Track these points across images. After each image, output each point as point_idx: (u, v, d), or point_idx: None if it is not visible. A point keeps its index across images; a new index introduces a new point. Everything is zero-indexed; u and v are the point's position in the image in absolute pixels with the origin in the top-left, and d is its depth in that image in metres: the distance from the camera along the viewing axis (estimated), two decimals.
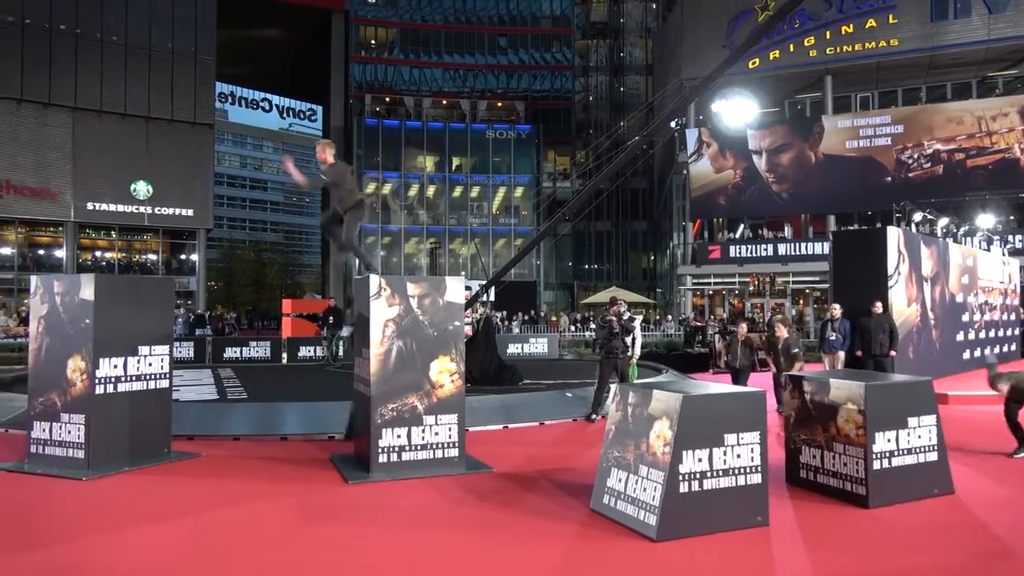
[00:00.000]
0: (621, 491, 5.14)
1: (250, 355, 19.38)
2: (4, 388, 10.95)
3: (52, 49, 33.71)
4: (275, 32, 50.46)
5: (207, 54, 37.84)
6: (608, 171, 13.83)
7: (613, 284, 42.01)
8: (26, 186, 33.25)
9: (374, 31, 49.15)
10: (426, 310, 6.88)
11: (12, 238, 34.82)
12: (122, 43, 35.42)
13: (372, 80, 48.26)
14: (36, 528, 5.20)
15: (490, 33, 49.86)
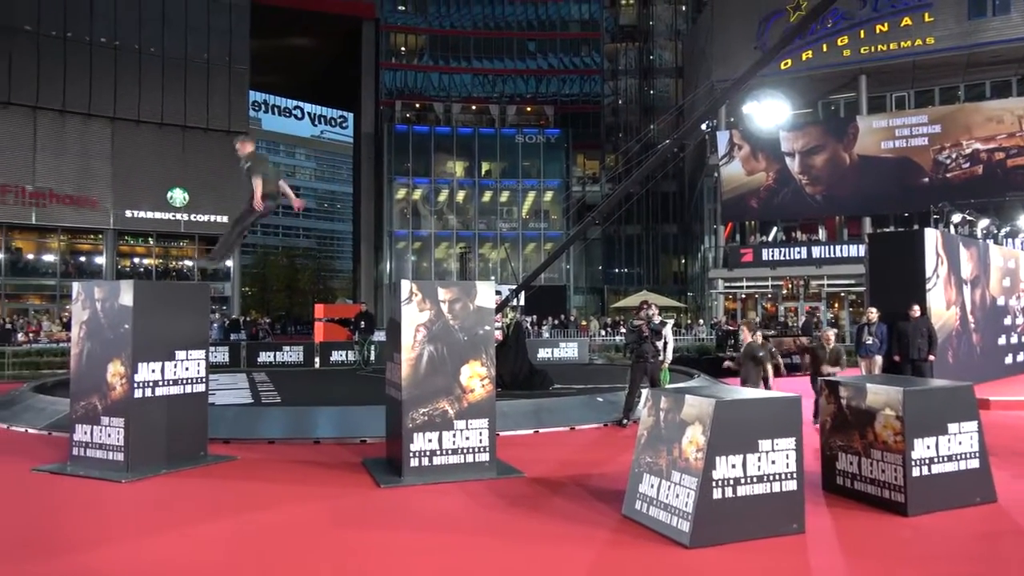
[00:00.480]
0: (653, 497, 5.10)
1: (283, 360, 19.62)
2: (47, 392, 11.22)
3: (92, 61, 34.58)
4: (307, 41, 51.13)
5: (241, 64, 38.50)
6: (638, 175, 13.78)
7: (643, 288, 41.75)
8: (68, 195, 34.12)
9: (404, 38, 49.57)
10: (457, 315, 6.91)
11: (55, 245, 35.75)
12: (159, 54, 36.22)
13: (402, 86, 48.66)
14: (76, 530, 5.32)
15: (519, 38, 49.99)
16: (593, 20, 50.56)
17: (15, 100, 32.96)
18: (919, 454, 5.46)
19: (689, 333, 29.52)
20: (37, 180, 33.52)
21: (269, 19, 41.86)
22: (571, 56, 50.47)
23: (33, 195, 33.53)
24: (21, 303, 35.13)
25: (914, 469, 5.41)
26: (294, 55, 52.77)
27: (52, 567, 4.49)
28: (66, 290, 32.40)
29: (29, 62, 33.08)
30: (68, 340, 19.34)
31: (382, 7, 47.95)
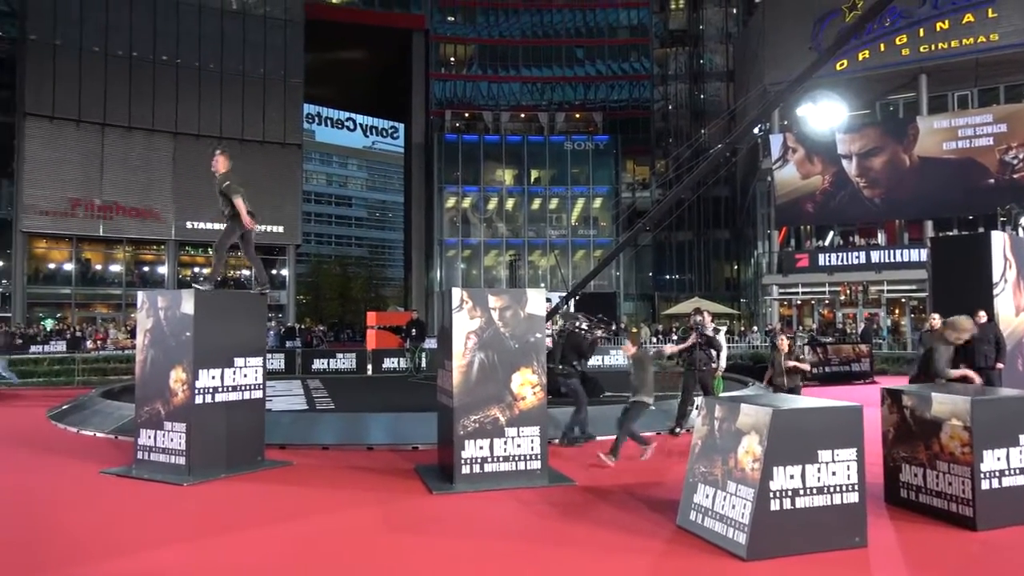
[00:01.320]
0: (708, 507, 5.01)
1: (337, 367, 19.96)
2: (114, 397, 11.64)
3: (156, 79, 35.90)
4: (358, 54, 52.12)
5: (295, 78, 39.46)
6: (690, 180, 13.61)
7: (695, 295, 41.16)
8: (133, 207, 35.43)
9: (453, 48, 50.09)
10: (507, 322, 6.93)
11: (120, 256, 37.15)
12: (218, 71, 37.38)
13: (451, 96, 49.15)
14: (142, 531, 5.50)
15: (567, 45, 50.01)
16: (642, 25, 50.26)
17: (85, 118, 34.43)
18: (988, 466, 5.24)
19: (743, 340, 28.98)
20: (104, 194, 34.91)
21: (322, 34, 42.84)
22: (620, 62, 50.24)
23: (101, 208, 34.92)
24: (90, 312, 36.58)
25: (983, 482, 5.20)
26: (346, 68, 53.84)
27: (120, 566, 4.65)
28: (131, 299, 33.63)
29: (97, 82, 34.53)
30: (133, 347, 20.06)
31: (432, 18, 48.58)
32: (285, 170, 38.61)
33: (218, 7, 37.85)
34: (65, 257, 36.24)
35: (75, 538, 5.27)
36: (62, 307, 35.53)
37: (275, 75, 38.71)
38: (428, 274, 47.71)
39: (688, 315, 10.46)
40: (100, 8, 34.82)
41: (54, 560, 4.77)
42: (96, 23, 34.68)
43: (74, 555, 4.87)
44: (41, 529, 5.53)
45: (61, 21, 33.98)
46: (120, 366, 19.62)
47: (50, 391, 16.05)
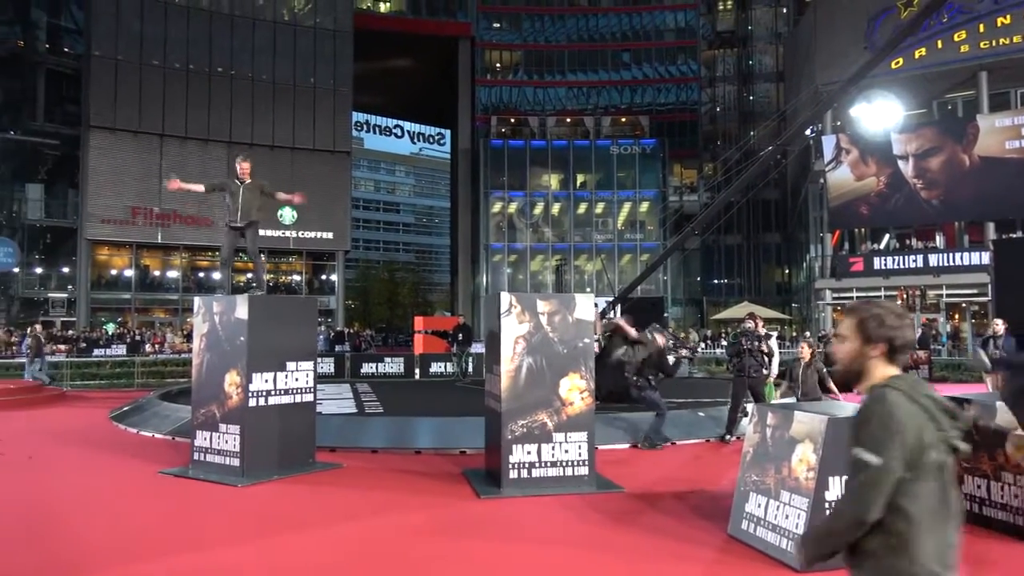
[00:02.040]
0: (761, 517, 4.91)
1: (385, 371, 20.20)
2: (172, 399, 11.99)
3: (211, 91, 36.95)
4: (405, 62, 52.76)
5: (345, 87, 40.14)
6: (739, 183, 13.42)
7: (744, 299, 40.45)
8: (190, 215, 36.48)
9: (499, 54, 50.33)
10: (556, 327, 6.91)
11: (177, 262, 38.28)
12: (270, 81, 38.27)
13: (497, 102, 49.37)
14: (200, 530, 5.65)
15: (613, 49, 49.79)
16: (689, 27, 49.72)
17: (144, 129, 35.60)
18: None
19: (795, 346, 28.35)
20: (163, 202, 36.02)
21: (370, 43, 43.50)
22: (667, 65, 49.78)
23: (159, 216, 36.05)
24: (148, 316, 37.77)
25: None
26: (394, 76, 54.55)
27: (179, 564, 4.78)
28: (187, 304, 34.60)
29: (156, 94, 35.69)
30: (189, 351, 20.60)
31: (477, 25, 48.92)
32: (334, 177, 39.29)
33: (270, 19, 38.78)
34: (126, 263, 37.49)
35: (137, 536, 5.44)
36: (122, 312, 36.73)
37: (325, 84, 39.45)
38: (474, 279, 47.96)
39: (738, 320, 10.30)
40: (159, 23, 36.01)
41: (119, 556, 4.93)
42: (155, 38, 35.87)
43: (136, 552, 5.02)
44: (106, 527, 5.72)
45: (123, 37, 35.24)
46: (177, 369, 20.19)
47: (112, 393, 16.62)
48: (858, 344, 2.05)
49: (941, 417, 1.90)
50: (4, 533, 5.48)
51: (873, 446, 1.82)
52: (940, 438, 1.87)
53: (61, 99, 37.99)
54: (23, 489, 7.00)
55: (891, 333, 2.03)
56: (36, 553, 5.00)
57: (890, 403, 1.86)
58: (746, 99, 49.42)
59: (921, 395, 1.91)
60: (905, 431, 1.83)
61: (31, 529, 5.61)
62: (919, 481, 1.83)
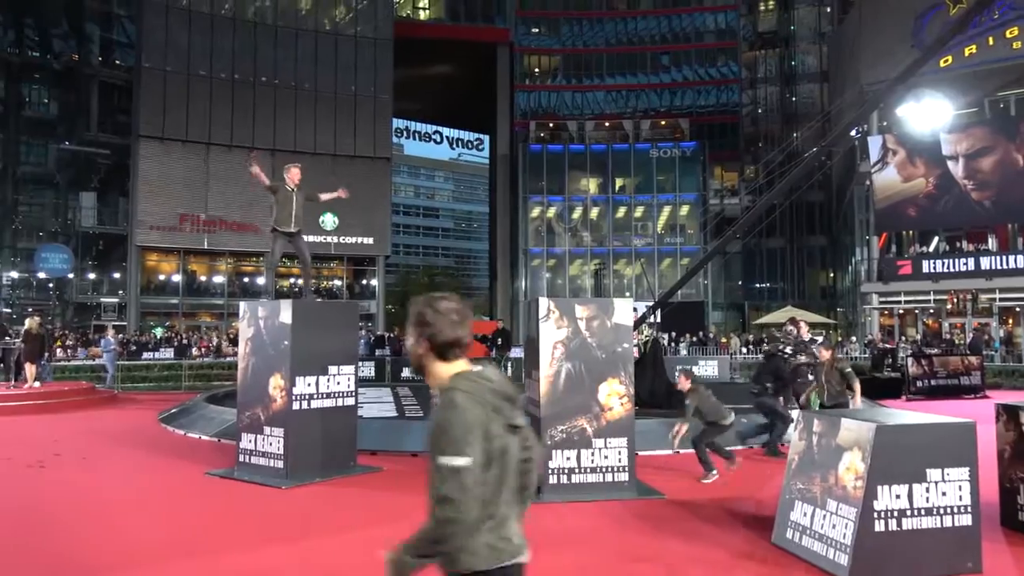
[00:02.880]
0: (807, 526, 4.82)
1: None
2: (218, 402, 12.25)
3: (255, 100, 37.74)
4: (445, 68, 53.14)
5: (385, 94, 40.63)
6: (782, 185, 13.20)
7: (788, 304, 39.70)
8: (235, 221, 37.28)
9: (537, 59, 50.37)
10: (594, 332, 6.88)
11: (223, 268, 39.13)
12: (312, 89, 38.93)
13: (536, 107, 49.41)
14: (246, 531, 5.75)
15: (652, 52, 49.44)
16: (730, 29, 49.12)
17: (191, 138, 36.51)
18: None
19: (840, 351, 27.75)
20: (209, 209, 36.88)
21: (410, 50, 43.94)
22: (707, 67, 49.23)
23: (206, 223, 36.91)
24: (195, 321, 38.66)
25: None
26: (433, 82, 54.99)
27: (228, 563, 4.88)
28: (233, 309, 35.34)
29: (202, 104, 36.59)
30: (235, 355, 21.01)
31: (516, 31, 49.04)
32: (375, 183, 39.74)
33: (312, 29, 39.47)
34: (173, 269, 38.46)
35: (184, 535, 5.57)
36: (170, 316, 37.68)
37: (365, 92, 39.97)
38: (513, 284, 48.01)
39: (780, 325, 10.13)
40: (206, 35, 36.93)
41: (165, 555, 5.05)
42: (202, 49, 36.79)
43: (182, 551, 5.14)
44: (154, 526, 5.87)
45: (171, 49, 36.22)
46: (223, 372, 20.62)
47: (160, 395, 17.05)
48: (412, 342, 2.12)
49: (503, 405, 2.03)
50: (58, 529, 5.66)
51: (456, 450, 1.89)
52: (502, 423, 2.01)
53: (113, 110, 39.19)
54: (77, 488, 7.22)
55: (430, 331, 2.08)
56: (88, 548, 5.15)
57: (460, 407, 1.94)
58: (789, 100, 48.60)
59: (485, 392, 2.01)
60: (479, 428, 1.93)
61: (83, 526, 5.78)
62: (489, 470, 1.96)
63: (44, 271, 36.65)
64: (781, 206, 29.33)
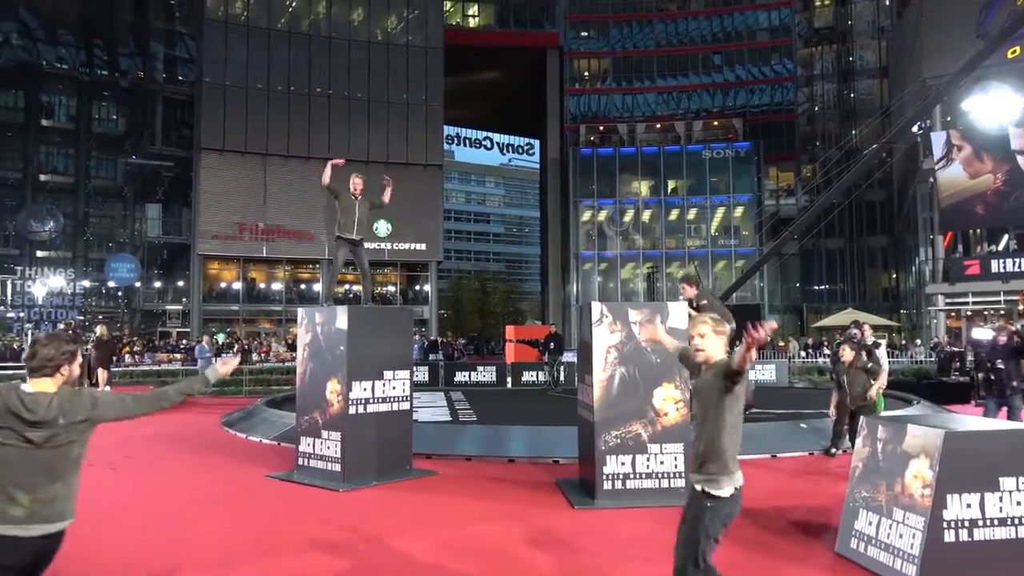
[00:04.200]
0: (872, 535, 4.67)
1: (477, 379, 20.45)
2: (277, 406, 12.54)
3: (311, 110, 38.64)
4: (494, 74, 53.46)
5: (436, 101, 41.11)
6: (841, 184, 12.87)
7: (848, 306, 38.60)
8: (292, 229, 38.20)
9: (587, 63, 50.25)
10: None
11: (280, 275, 40.12)
12: (365, 99, 39.66)
13: (586, 110, 49.29)
14: (305, 533, 5.87)
15: (704, 52, 48.79)
16: (784, 26, 48.12)
17: (250, 149, 37.59)
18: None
19: (904, 354, 26.84)
20: (267, 218, 37.89)
21: (460, 58, 44.36)
22: (760, 65, 48.33)
23: (264, 231, 37.92)
24: (255, 327, 39.71)
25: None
26: (483, 88, 55.39)
27: (288, 566, 4.99)
28: (290, 315, 36.18)
29: (260, 116, 37.65)
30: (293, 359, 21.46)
31: (565, 35, 49.02)
32: (427, 190, 40.22)
33: (365, 40, 40.21)
34: (233, 276, 39.60)
35: (244, 537, 5.72)
36: (231, 322, 38.78)
37: (417, 100, 40.51)
38: (565, 288, 47.90)
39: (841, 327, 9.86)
40: (263, 49, 38.00)
41: (227, 556, 5.19)
42: (259, 63, 37.86)
43: (243, 553, 5.28)
44: (217, 527, 6.04)
45: (231, 64, 37.39)
46: (281, 377, 21.08)
47: (222, 399, 17.53)
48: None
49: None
50: (129, 530, 5.88)
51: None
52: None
53: (176, 124, 40.64)
54: (146, 489, 7.49)
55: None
56: (156, 549, 5.34)
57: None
58: (847, 97, 47.33)
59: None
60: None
61: (153, 527, 5.99)
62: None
63: (113, 280, 38.22)
64: (840, 205, 28.51)
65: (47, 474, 2.89)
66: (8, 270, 38.20)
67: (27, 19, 39.25)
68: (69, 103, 41.38)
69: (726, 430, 3.31)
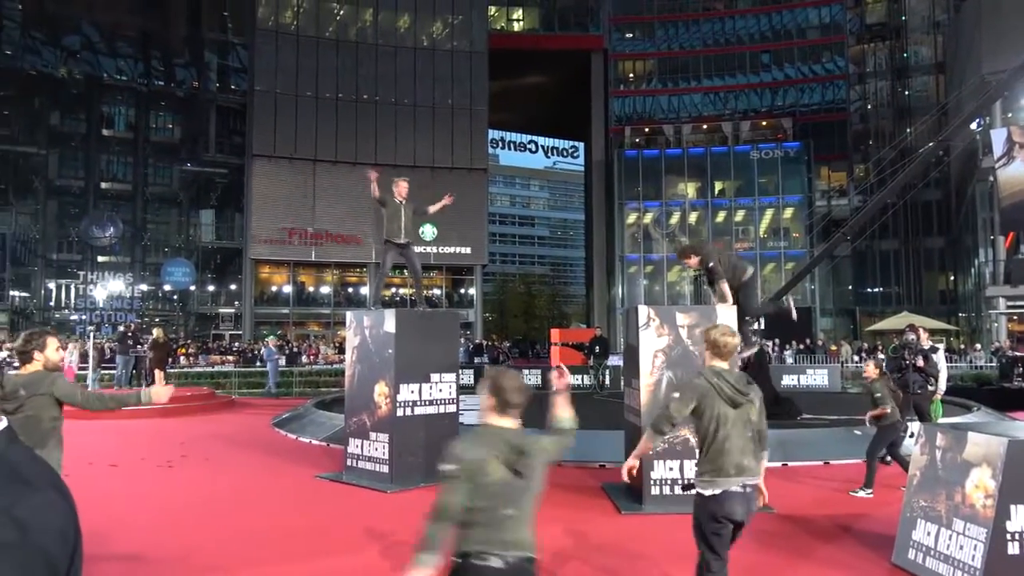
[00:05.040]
0: (930, 546, 4.53)
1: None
2: (326, 408, 12.76)
3: (358, 117, 39.25)
4: (539, 78, 53.49)
5: (480, 106, 41.34)
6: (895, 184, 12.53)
7: (903, 309, 37.47)
8: (340, 234, 38.84)
9: (632, 64, 49.92)
10: (696, 340, 6.73)
11: (329, 279, 40.81)
12: (411, 104, 40.11)
13: (631, 112, 48.95)
14: (356, 533, 5.96)
15: (752, 51, 48.01)
16: (835, 23, 47.04)
17: (299, 155, 38.36)
18: None
19: (963, 359, 25.96)
20: (316, 222, 38.59)
21: (505, 62, 44.52)
22: (810, 64, 47.33)
23: (313, 236, 38.64)
24: (304, 329, 40.46)
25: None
26: (527, 92, 55.46)
27: (338, 564, 5.07)
28: (338, 317, 36.77)
29: (309, 123, 38.39)
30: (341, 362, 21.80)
31: (610, 37, 48.79)
32: (472, 194, 40.45)
33: (411, 46, 40.67)
34: (284, 280, 40.42)
35: (296, 536, 5.83)
36: (281, 325, 39.58)
37: (462, 104, 40.80)
38: (610, 291, 47.62)
39: (896, 331, 9.59)
40: (312, 57, 38.76)
41: (287, 554, 5.30)
42: (308, 71, 38.63)
43: (294, 551, 5.38)
44: (269, 526, 6.18)
45: (281, 72, 38.23)
46: (330, 379, 21.45)
47: (273, 401, 17.93)
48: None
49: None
50: (186, 526, 6.05)
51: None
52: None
53: (228, 132, 41.72)
54: (202, 487, 7.70)
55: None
56: (210, 546, 5.49)
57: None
58: (901, 94, 46.02)
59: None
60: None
61: (207, 524, 6.16)
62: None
63: (169, 284, 39.39)
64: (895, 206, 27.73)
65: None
66: (71, 275, 39.73)
67: (90, 34, 40.79)
68: (128, 113, 42.84)
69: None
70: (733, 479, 3.45)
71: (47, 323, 38.36)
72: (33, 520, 0.92)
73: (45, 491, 0.98)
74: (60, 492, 1.01)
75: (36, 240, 39.61)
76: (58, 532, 0.95)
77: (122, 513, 6.46)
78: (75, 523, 1.00)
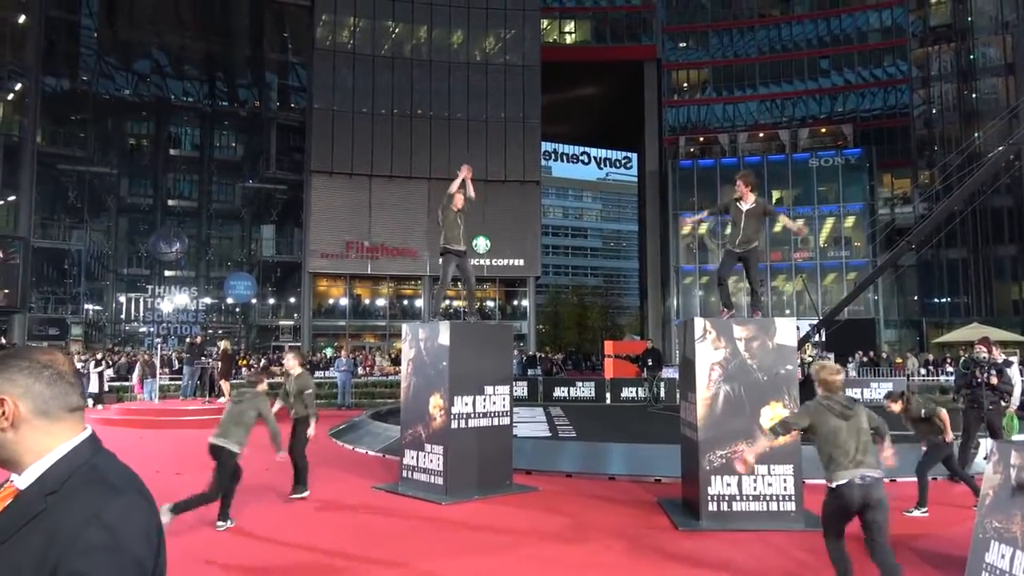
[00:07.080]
0: (1005, 570, 4.33)
1: (576, 395, 20.36)
2: (381, 419, 12.94)
3: (412, 132, 39.89)
4: (591, 89, 53.43)
5: (533, 119, 41.52)
6: (963, 190, 12.09)
7: (973, 320, 35.96)
8: (395, 247, 39.43)
9: (686, 74, 49.46)
10: (754, 353, 6.62)
11: (384, 291, 41.43)
12: (464, 119, 40.56)
13: (685, 122, 48.47)
14: (412, 544, 6.02)
15: (809, 57, 47.03)
16: (896, 26, 45.74)
17: (356, 171, 39.16)
18: None
19: None
20: (372, 236, 39.28)
21: (557, 74, 44.65)
22: (871, 68, 46.09)
23: (369, 249, 39.32)
24: (360, 341, 41.13)
25: None
26: (580, 104, 55.45)
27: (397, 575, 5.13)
28: (393, 330, 37.24)
29: (365, 138, 39.18)
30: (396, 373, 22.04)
31: (663, 47, 48.46)
32: (525, 206, 40.59)
33: (464, 61, 41.19)
34: (341, 293, 41.21)
35: (355, 546, 5.92)
36: (338, 337, 40.32)
37: (515, 118, 41.07)
38: (664, 302, 47.06)
39: (966, 343, 9.21)
40: (368, 75, 39.61)
41: (345, 565, 5.39)
42: (365, 89, 39.48)
43: (359, 561, 5.46)
44: (330, 536, 6.29)
45: (338, 90, 39.17)
46: (385, 391, 21.73)
47: (331, 411, 18.24)
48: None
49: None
50: (247, 536, 6.21)
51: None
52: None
53: (288, 149, 42.89)
54: (264, 496, 7.89)
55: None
56: (274, 555, 5.61)
57: None
58: (968, 97, 44.37)
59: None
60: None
61: (270, 534, 6.31)
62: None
63: (231, 297, 40.60)
64: (962, 213, 26.72)
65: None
66: (140, 288, 41.33)
67: (159, 58, 42.61)
68: (194, 133, 44.52)
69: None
70: (852, 471, 4.29)
71: (118, 335, 40.00)
72: (121, 523, 0.98)
73: (130, 495, 1.04)
74: (143, 495, 1.07)
75: (108, 256, 41.38)
76: (143, 533, 1.01)
77: (186, 517, 6.67)
78: (158, 524, 1.06)
